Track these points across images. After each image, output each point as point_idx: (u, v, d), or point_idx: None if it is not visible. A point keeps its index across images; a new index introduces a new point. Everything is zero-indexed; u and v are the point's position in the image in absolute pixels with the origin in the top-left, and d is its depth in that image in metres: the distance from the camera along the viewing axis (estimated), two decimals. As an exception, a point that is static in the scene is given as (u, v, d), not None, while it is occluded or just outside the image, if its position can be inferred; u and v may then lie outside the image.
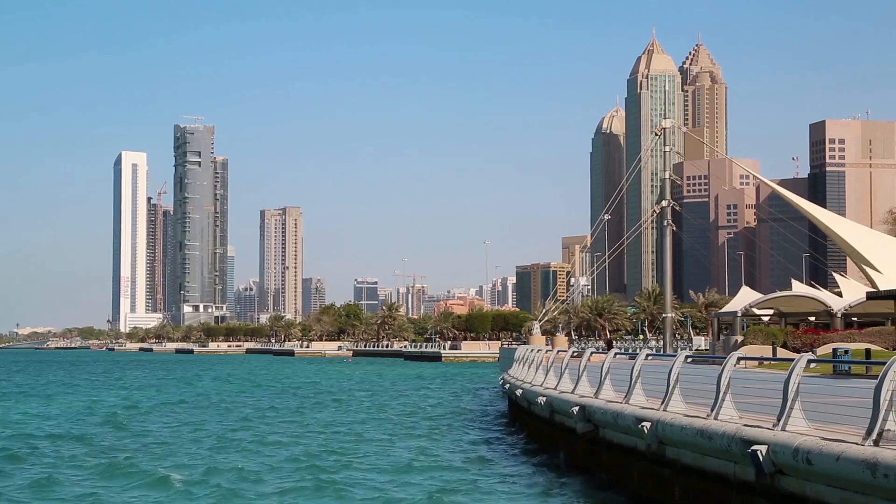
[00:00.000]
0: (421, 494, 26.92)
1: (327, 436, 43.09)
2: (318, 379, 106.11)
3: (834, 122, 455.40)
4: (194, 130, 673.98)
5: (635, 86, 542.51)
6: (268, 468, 32.31)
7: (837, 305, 66.00)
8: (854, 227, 76.89)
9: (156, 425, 49.16)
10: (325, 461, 33.98)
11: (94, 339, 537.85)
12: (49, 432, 45.36)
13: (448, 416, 53.86)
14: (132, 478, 30.35)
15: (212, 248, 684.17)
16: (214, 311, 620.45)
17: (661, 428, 21.25)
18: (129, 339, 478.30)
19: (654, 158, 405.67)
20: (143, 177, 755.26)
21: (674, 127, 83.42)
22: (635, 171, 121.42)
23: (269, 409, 60.90)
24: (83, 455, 36.39)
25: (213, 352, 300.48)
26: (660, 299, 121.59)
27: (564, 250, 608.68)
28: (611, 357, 28.73)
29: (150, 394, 79.36)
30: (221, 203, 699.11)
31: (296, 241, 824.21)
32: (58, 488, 28.65)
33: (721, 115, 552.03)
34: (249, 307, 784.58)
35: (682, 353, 24.92)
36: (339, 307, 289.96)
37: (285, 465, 32.99)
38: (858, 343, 49.29)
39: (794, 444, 16.11)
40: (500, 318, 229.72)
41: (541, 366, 39.17)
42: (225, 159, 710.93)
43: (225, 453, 36.60)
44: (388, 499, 26.54)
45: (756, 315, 75.63)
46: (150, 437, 42.80)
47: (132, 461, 34.01)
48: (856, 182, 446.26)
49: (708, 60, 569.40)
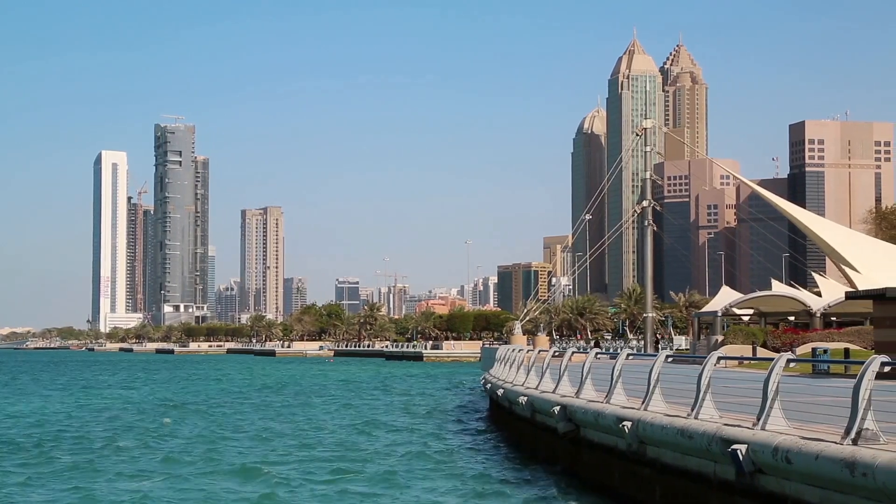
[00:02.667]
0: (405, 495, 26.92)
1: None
2: (298, 377, 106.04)
3: (813, 123, 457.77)
4: (175, 130, 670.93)
5: (616, 86, 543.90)
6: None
7: (817, 305, 66.37)
8: (833, 227, 77.36)
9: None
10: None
11: (73, 340, 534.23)
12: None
13: (429, 415, 53.83)
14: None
15: (192, 248, 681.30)
16: (195, 311, 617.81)
17: (642, 427, 21.32)
18: (108, 340, 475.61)
19: (635, 158, 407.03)
20: (123, 176, 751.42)
21: (654, 127, 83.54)
22: (616, 171, 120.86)
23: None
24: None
25: (194, 352, 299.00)
26: (641, 299, 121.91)
27: (546, 250, 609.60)
28: (592, 357, 28.77)
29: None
30: (202, 203, 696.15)
31: (277, 241, 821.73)
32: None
33: (701, 115, 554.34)
34: (230, 307, 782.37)
35: (662, 352, 25.00)
36: (320, 307, 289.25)
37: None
38: (837, 343, 49.56)
39: (774, 444, 16.20)
40: (482, 317, 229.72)
41: (522, 365, 39.21)
42: (206, 159, 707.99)
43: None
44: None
45: (736, 315, 75.96)
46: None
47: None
48: (835, 182, 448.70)
49: (688, 61, 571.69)
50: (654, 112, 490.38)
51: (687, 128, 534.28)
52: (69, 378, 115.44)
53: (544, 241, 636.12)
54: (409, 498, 26.53)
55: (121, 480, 30.02)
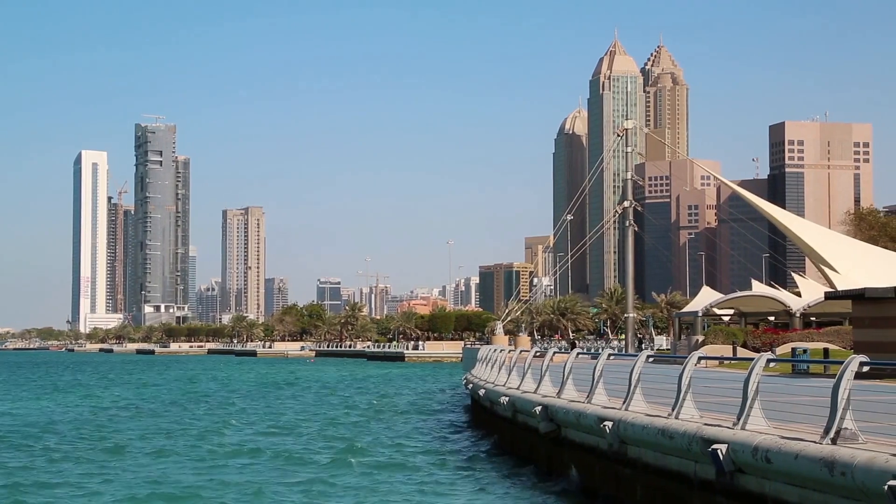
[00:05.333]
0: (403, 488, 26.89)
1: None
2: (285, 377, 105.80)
3: (793, 124, 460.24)
4: (155, 129, 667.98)
5: (598, 87, 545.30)
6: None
7: (796, 305, 66.73)
8: (812, 227, 77.67)
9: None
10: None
11: (53, 340, 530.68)
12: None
13: (410, 413, 53.80)
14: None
15: (173, 248, 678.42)
16: (176, 311, 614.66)
17: (623, 427, 21.38)
18: (89, 340, 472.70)
19: (616, 159, 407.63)
20: (103, 176, 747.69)
21: (635, 128, 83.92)
22: (597, 171, 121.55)
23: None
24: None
25: (175, 352, 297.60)
26: (622, 299, 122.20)
27: (527, 250, 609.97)
28: (573, 357, 28.80)
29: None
30: (183, 203, 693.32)
31: (258, 241, 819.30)
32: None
33: (682, 116, 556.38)
34: (211, 307, 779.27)
35: (643, 352, 25.07)
36: (301, 307, 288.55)
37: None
38: (817, 343, 49.78)
39: (754, 443, 16.28)
40: (464, 318, 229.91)
41: (503, 366, 39.23)
42: (186, 159, 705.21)
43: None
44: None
45: (717, 315, 76.27)
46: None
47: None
48: (814, 183, 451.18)
49: (669, 62, 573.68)
50: (635, 113, 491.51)
51: (668, 128, 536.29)
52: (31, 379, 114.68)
53: (526, 242, 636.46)
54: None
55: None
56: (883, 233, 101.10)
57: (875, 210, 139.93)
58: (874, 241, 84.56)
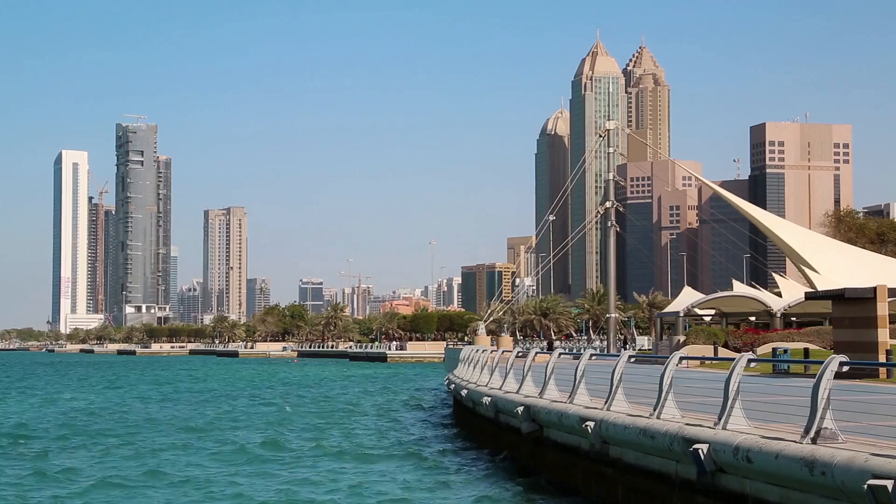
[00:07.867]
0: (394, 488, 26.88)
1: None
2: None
3: (774, 125, 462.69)
4: (137, 129, 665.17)
5: (580, 87, 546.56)
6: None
7: (777, 305, 66.98)
8: (793, 228, 78.12)
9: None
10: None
11: (33, 341, 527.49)
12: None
13: (392, 412, 53.77)
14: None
15: (154, 249, 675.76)
16: (157, 311, 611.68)
17: (605, 427, 21.42)
18: (69, 341, 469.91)
19: (598, 160, 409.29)
20: (84, 176, 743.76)
21: (617, 128, 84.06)
22: (579, 172, 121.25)
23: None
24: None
25: (156, 353, 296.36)
26: (604, 300, 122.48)
27: (510, 251, 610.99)
28: (555, 357, 28.79)
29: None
30: (164, 203, 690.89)
31: (240, 242, 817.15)
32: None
33: (664, 116, 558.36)
34: (193, 308, 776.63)
35: (625, 353, 25.12)
36: (283, 308, 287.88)
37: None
38: (797, 343, 49.98)
39: (735, 443, 16.34)
40: (446, 318, 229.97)
41: (486, 366, 39.19)
42: (168, 159, 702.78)
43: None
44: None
45: (698, 315, 76.43)
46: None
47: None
48: (795, 184, 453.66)
49: (651, 63, 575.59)
50: (616, 113, 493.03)
51: (649, 129, 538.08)
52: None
53: (508, 242, 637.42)
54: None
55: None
56: (861, 234, 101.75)
57: (853, 211, 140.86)
58: (852, 243, 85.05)
